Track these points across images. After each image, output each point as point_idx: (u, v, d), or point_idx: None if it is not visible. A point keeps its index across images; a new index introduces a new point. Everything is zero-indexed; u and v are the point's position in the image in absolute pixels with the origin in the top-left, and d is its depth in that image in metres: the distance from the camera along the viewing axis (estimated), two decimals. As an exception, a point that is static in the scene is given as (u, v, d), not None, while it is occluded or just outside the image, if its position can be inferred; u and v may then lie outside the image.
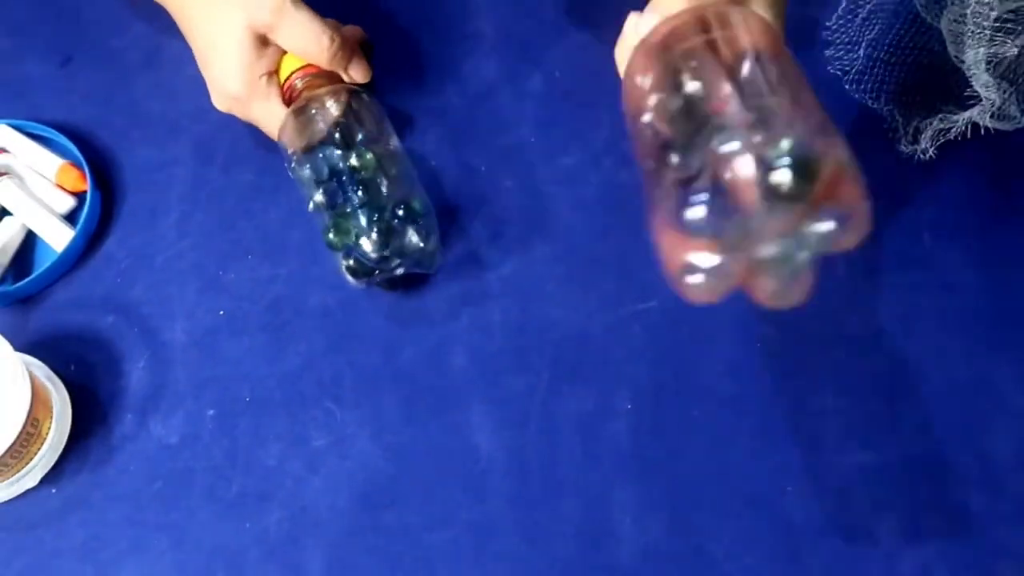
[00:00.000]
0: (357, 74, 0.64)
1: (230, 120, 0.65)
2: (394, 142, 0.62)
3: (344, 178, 0.59)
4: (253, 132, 0.66)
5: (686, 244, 0.41)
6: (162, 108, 0.69)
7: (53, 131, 0.67)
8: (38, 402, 0.55)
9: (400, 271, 0.59)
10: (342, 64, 0.63)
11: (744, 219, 0.40)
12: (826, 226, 0.39)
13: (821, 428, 0.57)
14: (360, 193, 0.57)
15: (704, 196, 0.40)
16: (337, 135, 0.59)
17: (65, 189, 0.65)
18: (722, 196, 0.40)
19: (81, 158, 0.65)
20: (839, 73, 0.67)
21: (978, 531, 0.54)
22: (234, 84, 0.62)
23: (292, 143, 0.60)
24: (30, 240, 0.65)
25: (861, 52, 0.67)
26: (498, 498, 0.56)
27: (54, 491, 0.57)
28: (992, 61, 0.60)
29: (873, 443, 0.57)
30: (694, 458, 0.56)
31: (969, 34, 0.61)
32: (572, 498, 0.56)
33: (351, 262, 0.57)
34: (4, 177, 0.65)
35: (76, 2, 0.74)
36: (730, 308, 0.60)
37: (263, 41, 0.61)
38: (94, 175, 0.65)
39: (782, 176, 0.39)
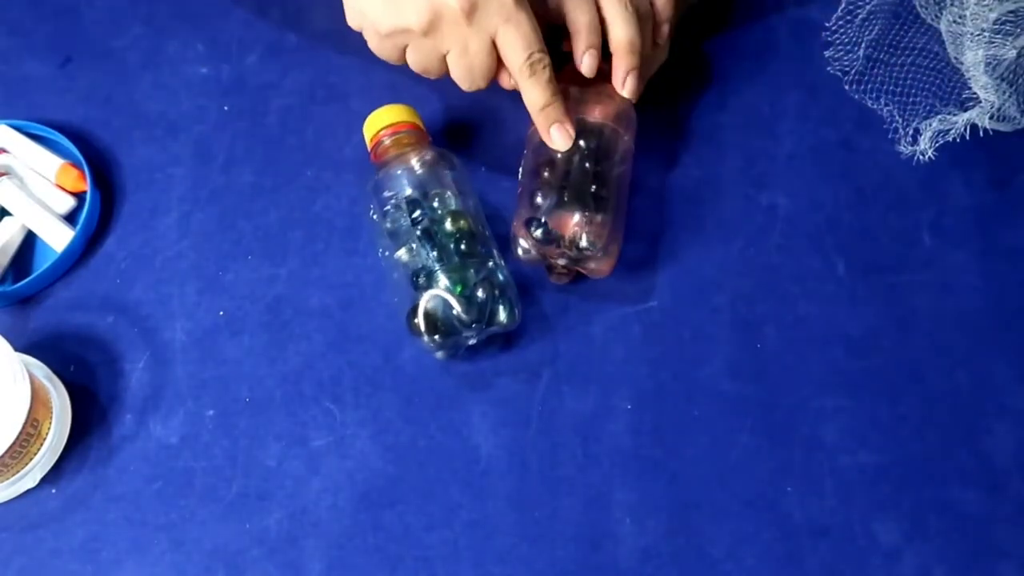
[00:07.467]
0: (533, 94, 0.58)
1: (230, 120, 0.66)
2: (475, 203, 0.61)
3: (438, 238, 0.58)
4: (253, 132, 0.67)
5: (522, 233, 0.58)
6: (162, 108, 0.69)
7: (53, 131, 0.67)
8: (38, 402, 0.55)
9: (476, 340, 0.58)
10: (527, 75, 0.56)
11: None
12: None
13: (821, 428, 0.57)
14: (459, 251, 0.57)
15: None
16: (435, 201, 0.59)
17: (65, 189, 0.65)
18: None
19: (81, 158, 0.65)
20: (839, 74, 0.67)
21: (978, 531, 0.54)
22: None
23: (383, 193, 0.60)
24: (30, 240, 0.65)
25: (861, 53, 0.67)
26: (498, 498, 0.56)
27: (54, 491, 0.57)
28: (991, 63, 0.60)
29: (873, 443, 0.57)
30: (694, 458, 0.57)
31: (968, 36, 0.61)
32: (572, 498, 0.56)
33: (436, 336, 0.56)
34: (4, 177, 0.65)
35: (76, 2, 0.74)
36: (730, 309, 0.61)
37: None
38: (94, 175, 0.65)
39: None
